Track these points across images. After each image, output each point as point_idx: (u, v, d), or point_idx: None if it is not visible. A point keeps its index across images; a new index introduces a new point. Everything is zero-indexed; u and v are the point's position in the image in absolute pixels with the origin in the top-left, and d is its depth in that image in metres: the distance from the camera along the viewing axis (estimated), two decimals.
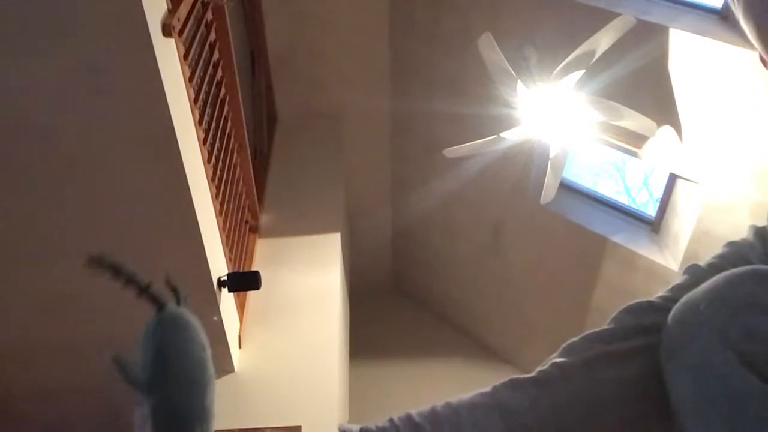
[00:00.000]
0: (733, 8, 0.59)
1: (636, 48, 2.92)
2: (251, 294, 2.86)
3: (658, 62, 2.97)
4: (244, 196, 3.13)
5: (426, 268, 5.29)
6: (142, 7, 1.55)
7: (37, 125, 1.79)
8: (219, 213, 2.41)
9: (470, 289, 4.96)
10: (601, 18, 2.70)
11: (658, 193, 3.67)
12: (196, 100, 2.14)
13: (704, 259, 0.75)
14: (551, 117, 2.98)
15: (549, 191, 3.23)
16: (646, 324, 0.71)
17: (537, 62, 3.29)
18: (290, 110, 4.32)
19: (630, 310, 0.75)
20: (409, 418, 0.71)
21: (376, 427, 0.70)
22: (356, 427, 0.71)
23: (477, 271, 4.80)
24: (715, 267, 0.72)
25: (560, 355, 0.74)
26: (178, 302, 0.69)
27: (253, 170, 3.17)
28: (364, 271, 4.97)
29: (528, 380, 0.72)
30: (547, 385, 0.71)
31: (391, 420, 0.71)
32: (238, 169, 2.96)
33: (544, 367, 0.73)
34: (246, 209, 3.20)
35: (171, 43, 1.80)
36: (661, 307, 0.71)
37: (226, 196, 2.64)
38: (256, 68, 3.88)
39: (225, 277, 2.37)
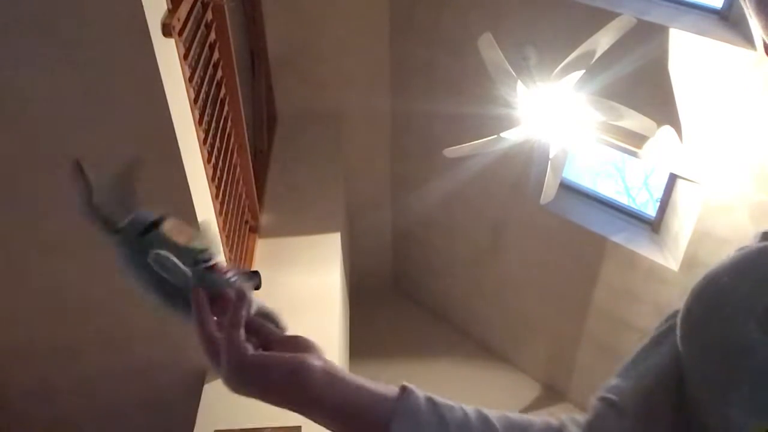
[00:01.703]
0: (743, 4, 0.58)
1: (636, 48, 2.92)
2: None
3: (658, 62, 2.97)
4: (244, 196, 3.13)
5: (426, 268, 5.29)
6: (142, 7, 1.56)
7: (37, 125, 1.79)
8: (219, 213, 2.41)
9: (470, 289, 4.95)
10: (601, 18, 2.70)
11: (658, 193, 3.67)
12: (196, 100, 2.14)
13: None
14: (551, 117, 2.98)
15: (549, 191, 3.22)
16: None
17: (537, 62, 3.29)
18: (290, 110, 4.31)
19: (665, 319, 0.74)
20: (480, 412, 0.68)
21: (440, 401, 0.67)
22: (422, 393, 0.68)
23: (477, 271, 4.80)
24: None
25: (607, 392, 0.72)
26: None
27: (253, 170, 3.17)
28: (364, 271, 4.97)
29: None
30: (605, 417, 0.69)
31: (461, 406, 0.68)
32: (238, 169, 2.96)
33: (594, 404, 0.72)
34: (246, 209, 3.20)
35: (171, 43, 1.80)
36: None
37: (226, 196, 2.64)
38: (256, 68, 3.88)
39: None
